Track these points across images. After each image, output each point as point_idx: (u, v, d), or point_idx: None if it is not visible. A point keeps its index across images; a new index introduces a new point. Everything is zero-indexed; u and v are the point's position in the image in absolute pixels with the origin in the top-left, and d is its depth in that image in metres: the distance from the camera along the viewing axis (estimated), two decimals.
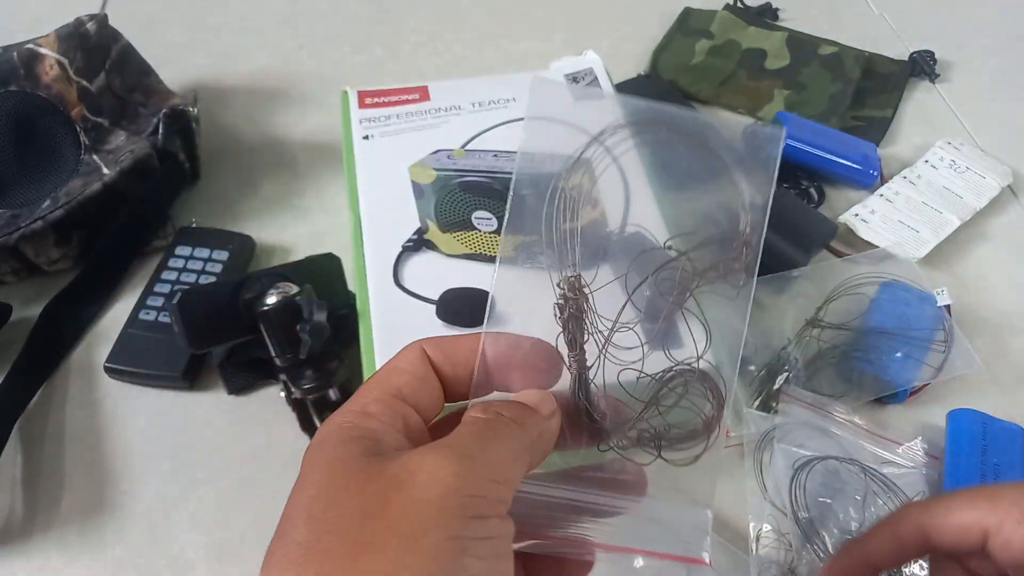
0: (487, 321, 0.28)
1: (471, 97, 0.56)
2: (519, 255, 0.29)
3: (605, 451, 0.28)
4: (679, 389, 0.28)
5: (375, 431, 0.24)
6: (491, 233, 0.48)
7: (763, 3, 0.85)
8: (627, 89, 0.72)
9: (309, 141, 0.69)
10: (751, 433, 0.49)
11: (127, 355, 0.52)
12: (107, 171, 0.57)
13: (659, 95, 0.71)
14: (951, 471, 0.47)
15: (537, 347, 0.28)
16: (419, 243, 0.48)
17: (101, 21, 0.61)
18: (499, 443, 0.24)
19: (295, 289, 0.47)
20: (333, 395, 0.47)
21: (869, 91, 0.76)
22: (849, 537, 0.44)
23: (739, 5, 0.85)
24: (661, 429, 0.28)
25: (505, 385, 0.27)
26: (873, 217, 0.62)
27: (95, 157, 0.58)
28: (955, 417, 0.50)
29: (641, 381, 0.28)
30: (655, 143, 0.31)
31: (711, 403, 0.28)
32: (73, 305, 0.56)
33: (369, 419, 0.24)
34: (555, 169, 0.29)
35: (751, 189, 0.29)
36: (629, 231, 0.34)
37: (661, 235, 0.33)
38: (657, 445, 0.28)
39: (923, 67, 0.78)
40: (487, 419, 0.24)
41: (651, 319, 0.29)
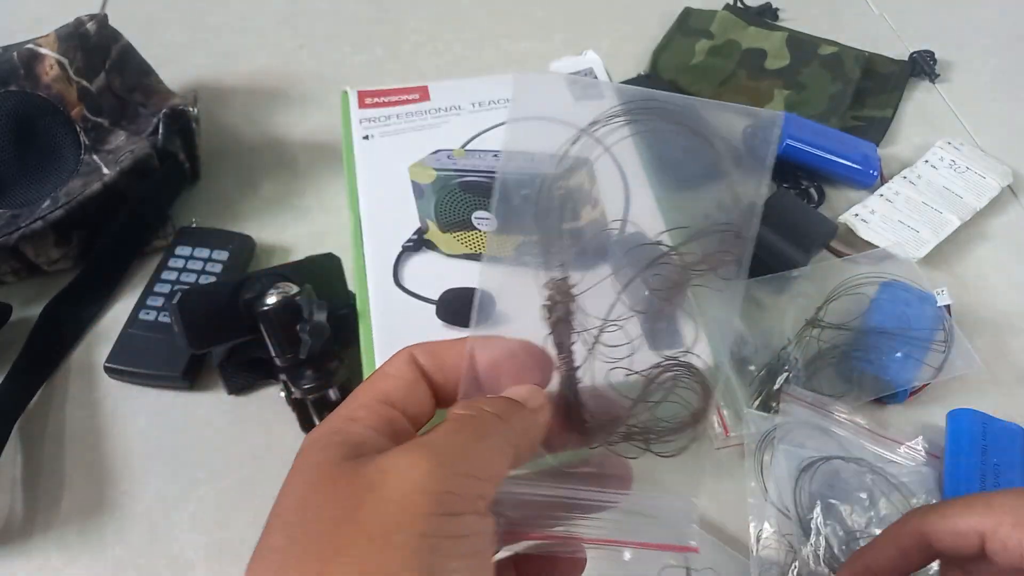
0: (474, 325, 0.27)
1: (471, 97, 0.55)
2: (518, 255, 0.29)
3: (594, 448, 0.28)
4: (668, 384, 0.28)
5: (358, 435, 0.23)
6: (491, 233, 0.48)
7: (763, 3, 0.85)
8: None
9: (309, 141, 0.69)
10: (751, 433, 0.49)
11: (127, 355, 0.52)
12: (107, 171, 0.57)
13: None
14: (951, 471, 0.47)
15: (526, 350, 0.27)
16: (419, 243, 0.48)
17: (101, 21, 0.61)
18: (479, 438, 0.23)
19: (295, 289, 0.47)
20: (333, 395, 0.47)
21: (869, 91, 0.76)
22: (854, 537, 0.44)
23: (739, 5, 0.85)
24: (650, 423, 0.28)
25: (495, 389, 0.27)
26: (873, 217, 0.62)
27: (95, 157, 0.58)
28: (955, 417, 0.50)
29: (631, 378, 0.28)
30: (648, 133, 0.31)
31: (698, 395, 0.28)
32: (73, 305, 0.56)
33: (354, 424, 0.24)
34: (545, 168, 0.29)
35: (746, 178, 0.29)
36: (629, 231, 0.34)
37: (658, 230, 0.33)
38: (645, 439, 0.28)
39: (923, 67, 0.78)
40: (467, 415, 0.24)
41: (644, 315, 0.29)
